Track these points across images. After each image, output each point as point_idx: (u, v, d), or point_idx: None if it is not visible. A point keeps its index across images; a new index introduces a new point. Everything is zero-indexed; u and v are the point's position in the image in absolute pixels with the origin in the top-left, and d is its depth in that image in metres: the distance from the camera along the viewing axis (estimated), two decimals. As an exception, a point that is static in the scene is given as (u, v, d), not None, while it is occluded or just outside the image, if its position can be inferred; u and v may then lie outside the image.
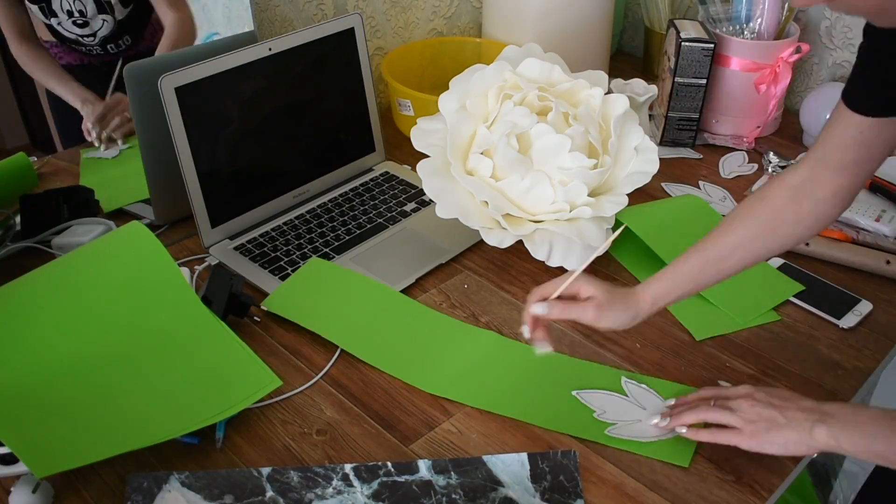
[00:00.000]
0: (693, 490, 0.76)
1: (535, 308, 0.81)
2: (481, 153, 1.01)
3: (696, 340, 0.94)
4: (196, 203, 1.03)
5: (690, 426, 0.79)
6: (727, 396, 0.79)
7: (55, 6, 1.03)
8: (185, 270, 0.95)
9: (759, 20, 1.30)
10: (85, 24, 1.06)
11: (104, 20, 1.07)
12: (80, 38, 1.09)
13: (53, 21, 1.04)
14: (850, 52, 1.38)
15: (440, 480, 0.76)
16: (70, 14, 1.02)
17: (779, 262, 1.04)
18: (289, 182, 1.14)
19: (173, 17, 1.13)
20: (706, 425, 0.78)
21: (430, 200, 1.12)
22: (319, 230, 1.10)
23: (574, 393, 0.85)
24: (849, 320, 0.96)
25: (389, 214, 1.13)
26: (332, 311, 0.95)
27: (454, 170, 0.99)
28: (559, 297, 0.82)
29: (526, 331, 0.83)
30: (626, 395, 0.85)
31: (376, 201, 1.16)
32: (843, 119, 0.76)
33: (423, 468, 0.77)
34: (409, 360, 0.90)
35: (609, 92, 1.11)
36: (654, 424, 0.80)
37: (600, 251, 0.84)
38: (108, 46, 1.13)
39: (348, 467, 0.77)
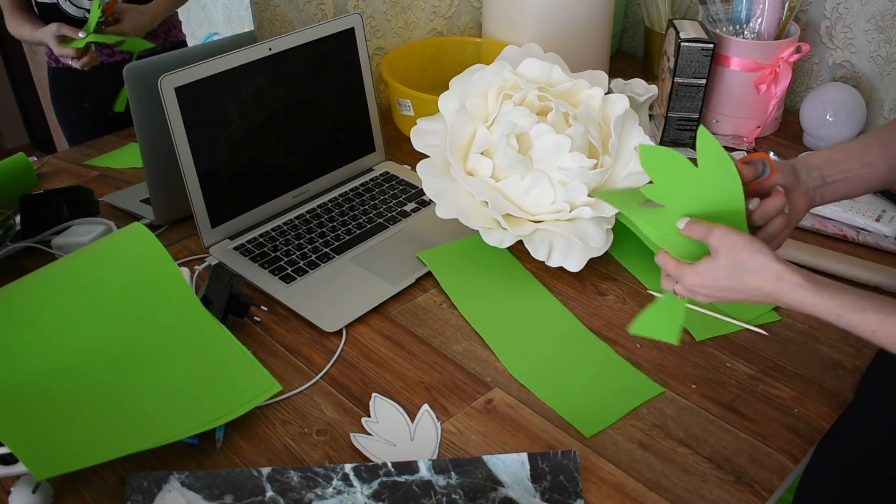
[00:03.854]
0: (693, 490, 0.76)
1: None
2: (481, 153, 1.01)
3: (696, 340, 0.94)
4: (196, 203, 1.03)
5: None
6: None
7: None
8: (185, 270, 0.95)
9: (759, 20, 1.30)
10: None
11: None
12: (88, 15, 1.08)
13: None
14: (849, 51, 1.38)
15: (440, 480, 0.76)
16: None
17: (779, 262, 1.05)
18: (289, 182, 1.14)
19: None
20: None
21: (430, 200, 1.12)
22: (319, 230, 1.10)
23: None
24: (849, 320, 0.96)
25: (389, 214, 1.13)
26: (473, 282, 1.01)
27: (454, 170, 0.99)
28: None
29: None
30: None
31: (376, 201, 1.16)
32: None
33: (423, 468, 0.77)
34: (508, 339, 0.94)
35: (609, 92, 1.11)
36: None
37: None
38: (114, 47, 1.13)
39: (348, 467, 0.77)
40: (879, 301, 0.68)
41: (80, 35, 1.10)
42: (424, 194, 1.13)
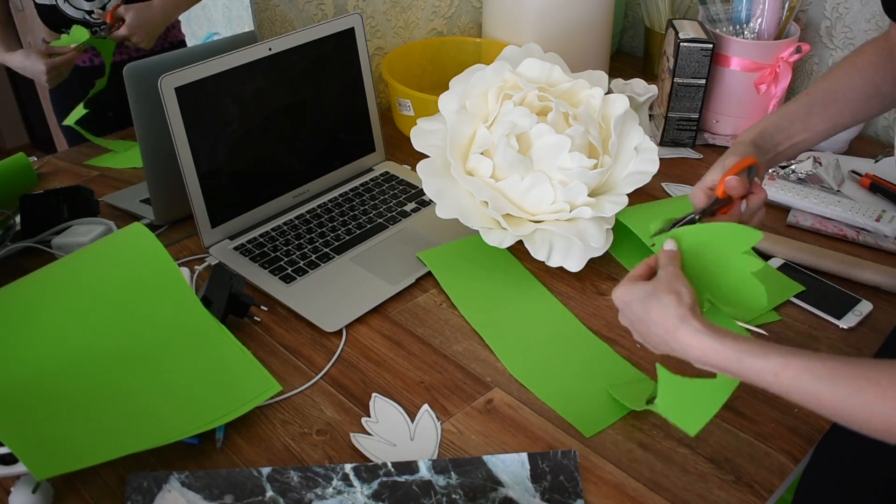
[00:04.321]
0: (693, 490, 0.76)
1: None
2: (481, 153, 1.01)
3: (696, 340, 0.93)
4: (196, 203, 1.03)
5: None
6: None
7: None
8: (185, 270, 0.95)
9: (759, 20, 1.30)
10: None
11: None
12: (87, 17, 1.07)
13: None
14: (849, 51, 1.38)
15: (440, 480, 0.76)
16: None
17: (779, 262, 1.04)
18: (289, 182, 1.14)
19: None
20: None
21: (430, 200, 1.12)
22: (319, 230, 1.10)
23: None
24: (849, 320, 0.96)
25: (389, 214, 1.13)
26: (472, 281, 1.01)
27: (454, 170, 0.99)
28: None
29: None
30: None
31: (376, 201, 1.16)
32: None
33: (423, 468, 0.77)
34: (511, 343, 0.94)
35: (609, 92, 1.11)
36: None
37: None
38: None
39: (348, 467, 0.77)
40: (780, 346, 0.66)
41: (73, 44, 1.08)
42: (424, 194, 1.13)
